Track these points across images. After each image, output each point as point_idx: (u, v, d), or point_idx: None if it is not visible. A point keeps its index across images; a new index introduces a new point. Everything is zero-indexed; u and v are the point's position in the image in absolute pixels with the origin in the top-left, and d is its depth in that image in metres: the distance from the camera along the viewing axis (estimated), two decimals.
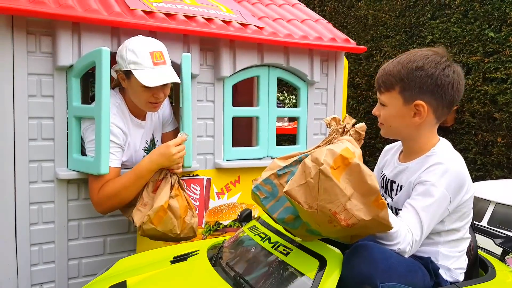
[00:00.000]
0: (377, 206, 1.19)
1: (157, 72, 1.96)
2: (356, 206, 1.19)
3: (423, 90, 1.46)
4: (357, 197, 1.19)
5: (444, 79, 1.46)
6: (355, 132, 1.34)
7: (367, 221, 1.20)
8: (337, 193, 1.19)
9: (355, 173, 1.19)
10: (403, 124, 1.53)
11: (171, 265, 1.63)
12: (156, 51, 1.98)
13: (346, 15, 7.00)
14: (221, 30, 2.30)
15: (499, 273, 1.63)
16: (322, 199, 1.20)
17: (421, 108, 1.47)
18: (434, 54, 1.49)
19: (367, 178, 1.18)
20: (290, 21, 2.81)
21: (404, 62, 1.50)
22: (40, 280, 2.06)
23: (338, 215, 1.20)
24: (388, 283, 1.28)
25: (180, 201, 1.97)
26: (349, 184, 1.19)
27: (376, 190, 1.18)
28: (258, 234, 1.59)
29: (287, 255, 1.42)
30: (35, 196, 2.01)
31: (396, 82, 1.49)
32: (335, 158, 1.19)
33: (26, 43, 1.94)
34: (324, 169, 1.18)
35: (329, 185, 1.19)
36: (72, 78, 2.03)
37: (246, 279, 1.41)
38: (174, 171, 2.02)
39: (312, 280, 1.29)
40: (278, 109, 2.65)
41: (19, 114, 1.94)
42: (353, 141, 1.29)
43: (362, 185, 1.19)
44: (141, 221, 1.92)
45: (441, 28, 5.47)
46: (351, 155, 1.19)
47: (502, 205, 2.71)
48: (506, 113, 4.79)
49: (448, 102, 1.49)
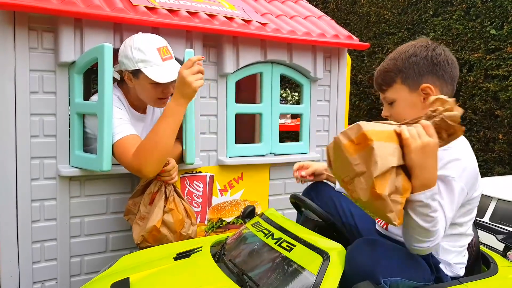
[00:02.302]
0: (371, 194, 1.20)
1: (167, 68, 1.95)
2: (361, 184, 1.21)
3: (423, 73, 1.51)
4: (366, 177, 1.20)
5: (437, 57, 1.51)
6: (441, 120, 1.24)
7: (365, 203, 1.22)
8: (346, 165, 1.22)
9: (369, 155, 1.19)
10: (416, 113, 1.49)
11: (174, 262, 1.62)
12: (162, 47, 1.97)
13: (349, 12, 6.98)
14: (224, 27, 2.28)
15: (501, 269, 1.63)
16: (336, 164, 1.28)
17: (428, 90, 1.50)
18: (419, 41, 1.57)
19: (372, 162, 1.18)
20: (293, 17, 2.79)
21: (396, 56, 1.56)
22: (42, 278, 2.05)
23: (347, 184, 1.25)
24: (390, 278, 1.29)
25: (175, 216, 1.94)
26: (363, 162, 1.20)
27: (371, 177, 1.18)
28: (262, 231, 1.59)
29: (290, 251, 1.41)
30: (37, 193, 2.00)
31: (396, 75, 1.54)
32: (359, 134, 1.21)
33: (28, 39, 1.92)
34: (337, 140, 1.24)
35: (340, 155, 1.24)
36: (74, 75, 2.01)
37: (249, 275, 1.41)
38: (168, 182, 1.98)
39: (315, 276, 1.29)
40: (281, 106, 2.63)
41: (21, 111, 1.93)
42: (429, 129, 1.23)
43: (369, 167, 1.19)
44: (137, 241, 1.93)
45: (443, 25, 5.45)
46: (375, 137, 1.19)
47: (504, 201, 2.71)
48: (507, 110, 4.78)
49: (449, 78, 1.53)
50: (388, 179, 1.20)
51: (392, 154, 1.21)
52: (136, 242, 1.94)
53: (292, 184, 2.67)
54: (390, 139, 1.23)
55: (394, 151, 1.22)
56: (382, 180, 1.19)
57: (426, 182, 1.24)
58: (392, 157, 1.21)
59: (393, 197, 1.21)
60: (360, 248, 1.31)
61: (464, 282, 1.48)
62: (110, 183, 2.15)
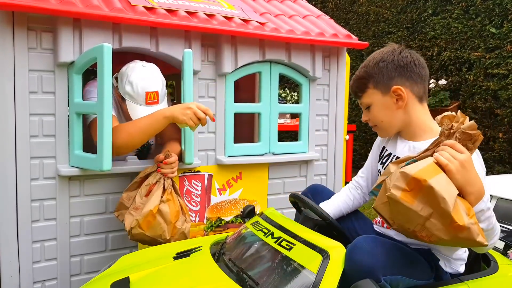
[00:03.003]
0: (454, 229, 1.18)
1: (147, 111, 2.06)
2: (435, 226, 1.19)
3: (392, 76, 1.60)
4: (437, 216, 1.18)
5: (404, 60, 1.60)
6: (462, 134, 1.25)
7: (450, 240, 1.20)
8: (411, 215, 1.21)
9: (430, 195, 1.18)
10: (392, 114, 1.63)
11: (174, 261, 1.63)
12: (152, 92, 2.09)
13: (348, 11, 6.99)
14: (223, 26, 2.29)
15: (502, 267, 1.64)
16: (398, 218, 1.25)
17: (399, 92, 1.59)
18: (387, 47, 1.66)
19: (440, 201, 1.17)
20: (292, 17, 2.80)
21: (366, 63, 1.66)
22: (42, 277, 2.06)
23: (418, 233, 1.23)
24: (391, 276, 1.30)
25: (171, 206, 1.97)
26: (427, 205, 1.19)
27: (448, 215, 1.16)
28: (261, 230, 1.60)
29: (290, 250, 1.42)
30: (37, 193, 2.01)
31: (368, 81, 1.64)
32: (408, 181, 1.20)
33: (27, 40, 1.93)
34: (391, 195, 1.21)
35: (401, 208, 1.22)
36: (73, 75, 2.02)
37: (249, 274, 1.41)
38: (168, 176, 2.01)
39: (315, 275, 1.29)
40: (280, 105, 2.64)
41: (20, 111, 1.94)
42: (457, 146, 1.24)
43: (438, 206, 1.18)
44: (130, 226, 1.93)
45: (443, 24, 5.46)
46: (425, 176, 1.18)
47: (504, 199, 2.71)
48: (507, 108, 4.79)
49: (418, 78, 1.61)
50: (459, 208, 1.19)
51: (449, 183, 1.21)
52: (129, 227, 1.93)
53: (291, 183, 2.68)
54: (436, 171, 1.22)
55: (448, 180, 1.21)
56: (457, 212, 1.18)
57: (478, 193, 1.27)
58: (451, 186, 1.21)
59: (469, 221, 1.19)
60: (360, 246, 1.32)
61: (464, 280, 1.49)
62: (110, 182, 2.16)
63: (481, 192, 1.27)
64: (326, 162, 2.83)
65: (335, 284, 1.26)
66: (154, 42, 2.17)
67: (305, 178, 2.74)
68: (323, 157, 2.81)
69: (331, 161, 2.84)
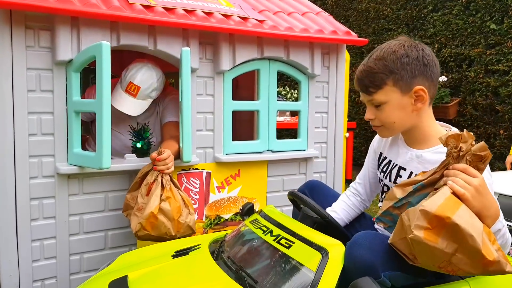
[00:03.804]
0: (484, 264, 1.14)
1: (120, 96, 2.25)
2: (462, 261, 1.15)
3: (415, 75, 1.45)
4: (463, 251, 1.14)
5: (427, 58, 1.47)
6: (473, 156, 1.19)
7: (478, 273, 1.17)
8: (436, 254, 1.16)
9: (455, 231, 1.13)
10: (406, 116, 1.50)
11: (172, 260, 1.63)
12: (136, 85, 2.23)
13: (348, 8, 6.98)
14: (221, 24, 2.28)
15: None
16: (422, 259, 1.20)
17: (421, 93, 1.46)
18: (406, 41, 1.49)
19: (468, 239, 1.12)
20: (291, 14, 2.79)
21: (385, 56, 1.47)
22: (42, 276, 2.06)
23: (444, 268, 1.19)
24: (390, 272, 1.28)
25: (172, 203, 1.99)
26: (451, 240, 1.15)
27: (478, 251, 1.12)
28: (260, 228, 1.59)
29: (289, 248, 1.41)
30: (36, 191, 2.01)
31: (387, 76, 1.46)
32: (430, 219, 1.15)
33: (25, 38, 1.93)
34: (414, 237, 1.16)
35: (425, 248, 1.17)
36: (71, 73, 2.02)
37: (248, 272, 1.41)
38: (164, 172, 2.03)
39: (314, 273, 1.28)
40: (278, 103, 2.63)
41: (19, 110, 1.94)
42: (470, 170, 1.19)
43: (465, 242, 1.13)
44: (135, 229, 1.96)
45: (443, 21, 5.45)
46: (448, 213, 1.13)
47: (505, 196, 2.71)
48: (508, 105, 4.78)
49: (435, 79, 1.50)
50: (486, 242, 1.14)
51: (472, 217, 1.16)
52: (134, 230, 1.97)
53: (290, 180, 2.68)
54: (456, 204, 1.16)
55: (470, 213, 1.16)
56: (486, 247, 1.13)
57: (495, 215, 1.24)
58: (474, 220, 1.16)
59: (497, 254, 1.16)
60: (359, 242, 1.29)
61: (464, 278, 1.47)
62: (109, 180, 2.16)
63: (497, 213, 1.24)
64: (326, 160, 2.83)
65: (335, 282, 1.26)
66: (152, 40, 2.17)
67: (304, 176, 2.74)
68: (322, 154, 2.80)
69: (330, 159, 2.84)
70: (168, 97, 2.49)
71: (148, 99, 2.30)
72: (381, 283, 1.26)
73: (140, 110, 2.29)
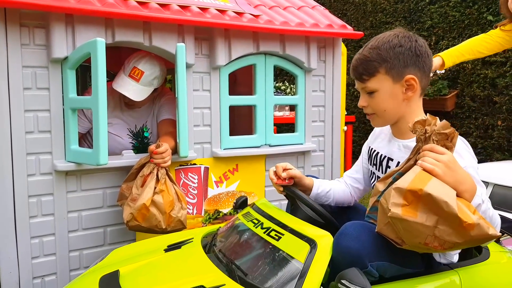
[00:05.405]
0: (464, 229, 1.15)
1: (123, 80, 2.29)
2: (445, 231, 1.17)
3: (407, 64, 1.49)
4: (444, 222, 1.16)
5: (420, 49, 1.51)
6: (437, 135, 1.24)
7: (464, 241, 1.18)
8: (418, 228, 1.18)
9: (431, 202, 1.15)
10: (396, 104, 1.53)
11: (164, 254, 1.64)
12: (140, 70, 2.28)
13: (345, 2, 6.96)
14: (216, 19, 2.28)
15: (493, 254, 1.63)
16: (406, 236, 1.22)
17: (412, 82, 1.50)
18: (400, 32, 1.54)
19: (442, 205, 1.14)
20: (287, 8, 2.79)
21: (379, 45, 1.51)
22: (42, 273, 2.08)
23: (431, 244, 1.20)
24: (377, 262, 1.30)
25: (165, 196, 2.01)
26: (430, 213, 1.16)
27: (454, 215, 1.13)
28: (251, 220, 1.60)
29: (279, 240, 1.42)
30: (34, 188, 2.02)
31: (380, 64, 1.50)
32: (405, 195, 1.18)
33: (20, 36, 1.93)
34: (393, 214, 1.18)
35: (406, 225, 1.18)
36: (67, 70, 2.02)
37: (238, 265, 1.42)
38: (160, 165, 2.04)
39: (302, 264, 1.30)
40: (275, 97, 2.64)
41: (15, 107, 1.94)
42: (436, 148, 1.22)
43: (442, 211, 1.15)
44: (126, 219, 1.98)
45: (440, 13, 5.44)
46: (420, 185, 1.16)
47: (501, 186, 2.72)
48: (506, 96, 4.78)
49: (427, 70, 1.54)
50: (462, 207, 1.16)
51: (444, 186, 1.18)
52: (126, 220, 1.99)
53: None
54: (428, 177, 1.19)
55: (442, 183, 1.19)
56: (462, 211, 1.15)
57: (471, 190, 1.24)
58: (446, 188, 1.18)
59: (476, 217, 1.17)
60: (347, 233, 1.31)
61: (454, 268, 1.48)
62: (106, 176, 2.17)
63: (473, 187, 1.25)
64: (324, 153, 2.83)
65: (322, 273, 1.27)
66: (147, 36, 2.17)
67: (302, 169, 2.74)
68: (320, 148, 2.81)
69: (328, 152, 2.85)
70: (164, 97, 2.52)
71: (150, 87, 2.32)
72: (368, 274, 1.27)
73: (141, 96, 2.30)
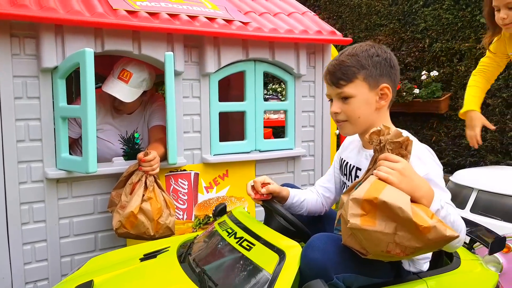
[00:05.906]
0: (421, 233, 1.17)
1: (113, 83, 2.32)
2: (405, 237, 1.18)
3: (383, 73, 1.54)
4: (402, 228, 1.18)
5: (393, 61, 1.57)
6: (391, 143, 1.26)
7: (424, 245, 1.19)
8: (378, 237, 1.20)
9: (387, 210, 1.17)
10: (369, 111, 1.55)
11: (140, 263, 1.63)
12: (128, 72, 2.32)
13: (340, 4, 6.99)
14: (205, 28, 2.31)
15: (464, 263, 1.61)
16: (369, 245, 1.24)
17: (386, 91, 1.54)
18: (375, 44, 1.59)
19: (398, 211, 1.16)
20: (277, 14, 2.82)
21: (357, 53, 1.54)
22: (34, 278, 2.11)
23: (393, 251, 1.21)
24: (344, 274, 1.31)
25: (153, 204, 2.04)
26: (388, 220, 1.18)
27: (409, 220, 1.15)
28: (226, 230, 1.60)
29: (250, 250, 1.42)
30: (26, 196, 2.05)
31: (358, 70, 1.52)
32: (362, 205, 1.20)
33: (10, 46, 1.96)
34: (352, 225, 1.20)
35: (366, 234, 1.21)
36: (57, 79, 2.05)
37: (209, 275, 1.43)
38: (148, 173, 2.08)
39: (271, 275, 1.30)
40: (265, 103, 2.67)
41: (6, 116, 1.97)
42: (390, 157, 1.24)
43: (398, 217, 1.17)
44: (115, 226, 2.02)
45: (434, 15, 5.47)
46: (375, 194, 1.18)
47: (485, 192, 2.73)
48: (498, 98, 4.80)
49: (397, 83, 1.60)
50: (417, 212, 1.18)
51: (398, 192, 1.20)
52: (115, 227, 2.03)
53: (278, 179, 2.71)
54: (382, 185, 1.22)
55: (396, 190, 1.21)
56: (416, 215, 1.17)
57: (428, 195, 1.26)
58: (401, 194, 1.20)
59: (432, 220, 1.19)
60: (313, 245, 1.32)
61: (422, 277, 1.47)
62: (97, 183, 2.21)
63: (430, 193, 1.26)
64: (314, 158, 2.87)
65: (290, 284, 1.27)
66: (137, 45, 2.20)
67: (292, 174, 2.78)
68: (310, 152, 2.84)
69: (318, 157, 2.88)
70: (155, 104, 2.54)
71: (139, 88, 2.35)
72: (333, 286, 1.28)
73: (131, 97, 2.33)
